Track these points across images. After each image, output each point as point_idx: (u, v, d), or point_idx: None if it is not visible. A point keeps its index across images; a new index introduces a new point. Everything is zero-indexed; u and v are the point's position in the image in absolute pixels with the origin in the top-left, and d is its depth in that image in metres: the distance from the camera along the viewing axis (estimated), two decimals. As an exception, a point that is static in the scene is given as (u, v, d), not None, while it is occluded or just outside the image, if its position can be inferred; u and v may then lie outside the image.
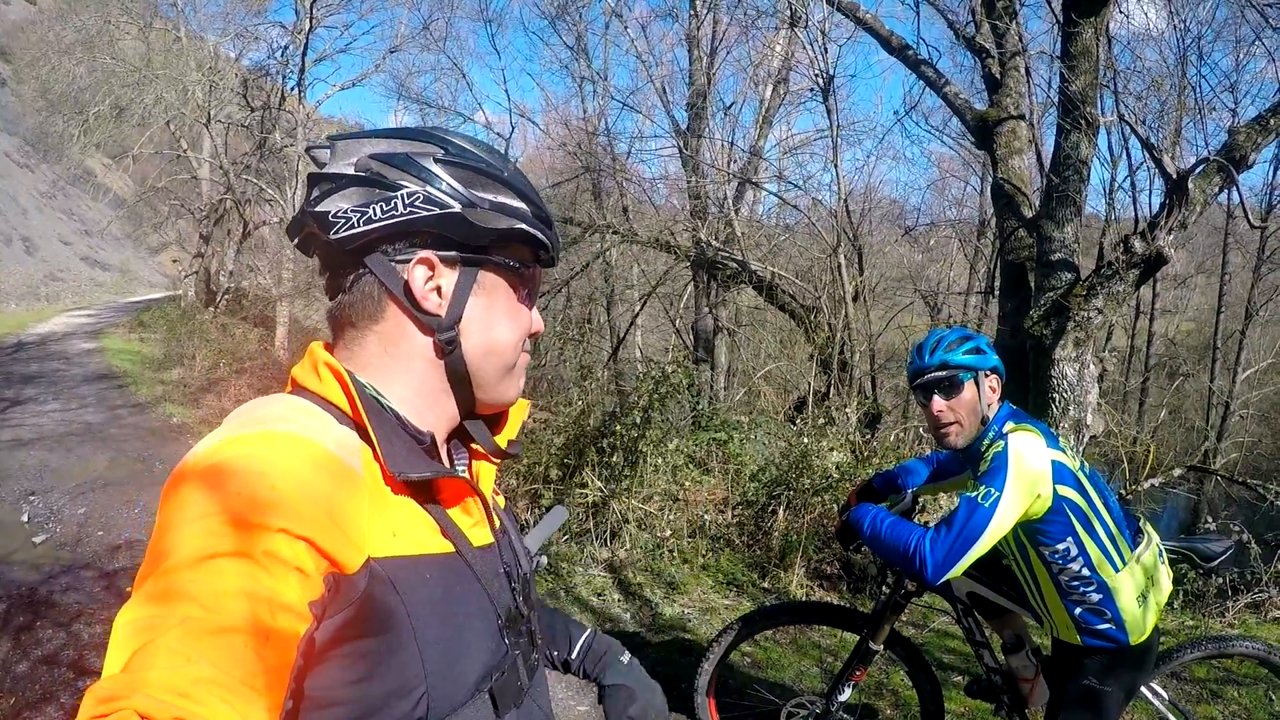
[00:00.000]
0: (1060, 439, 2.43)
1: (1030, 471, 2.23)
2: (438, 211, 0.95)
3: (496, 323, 1.03)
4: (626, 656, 1.39)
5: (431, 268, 0.97)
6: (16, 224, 36.44)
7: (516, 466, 6.48)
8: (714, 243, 10.97)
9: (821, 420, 7.40)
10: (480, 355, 1.02)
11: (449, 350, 1.00)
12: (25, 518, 6.37)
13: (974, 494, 2.25)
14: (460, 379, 1.02)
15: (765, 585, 5.67)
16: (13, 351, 16.52)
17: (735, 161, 12.79)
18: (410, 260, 0.96)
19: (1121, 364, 18.18)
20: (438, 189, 0.95)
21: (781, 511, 6.19)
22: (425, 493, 0.96)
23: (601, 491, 6.22)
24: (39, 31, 25.71)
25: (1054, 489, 2.26)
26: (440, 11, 20.55)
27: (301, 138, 17.49)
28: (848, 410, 7.95)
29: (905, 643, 3.15)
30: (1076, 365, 5.25)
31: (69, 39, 20.13)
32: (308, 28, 17.76)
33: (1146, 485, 6.59)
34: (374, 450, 0.91)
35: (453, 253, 0.98)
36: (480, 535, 1.03)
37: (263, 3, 20.93)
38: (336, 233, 0.95)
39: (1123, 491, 6.62)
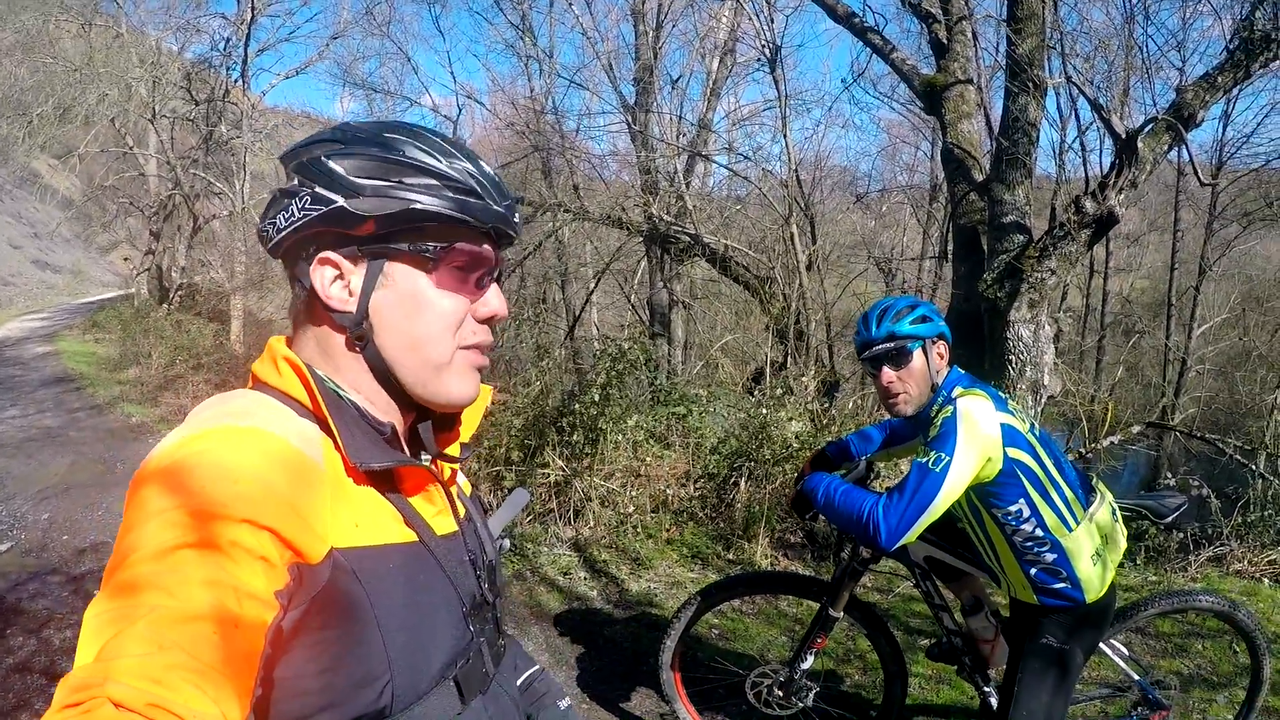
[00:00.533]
0: (1009, 401, 2.43)
1: (980, 435, 2.23)
2: (324, 209, 0.93)
3: (411, 314, 0.98)
4: (565, 703, 1.37)
5: (336, 266, 0.96)
6: None
7: (478, 449, 6.42)
8: (666, 217, 10.94)
9: (779, 390, 7.41)
10: (400, 350, 0.99)
11: (362, 346, 0.98)
12: None
13: (925, 459, 2.25)
14: (384, 375, 1.00)
15: (730, 557, 5.68)
16: None
17: (684, 135, 12.79)
18: (313, 261, 0.97)
19: (1077, 324, 18.52)
20: (324, 185, 0.93)
21: (743, 483, 6.19)
22: (387, 483, 0.97)
23: (563, 471, 6.18)
24: None
25: (1005, 452, 2.27)
26: (383, -5, 20.22)
27: (247, 129, 17.32)
28: (805, 379, 7.97)
29: (866, 608, 3.17)
30: (1032, 326, 5.30)
31: (8, 41, 19.80)
32: (249, 18, 17.54)
33: (1106, 443, 6.71)
34: (335, 442, 0.92)
35: (354, 248, 0.96)
36: (444, 523, 1.03)
37: None
38: (267, 245, 1.00)
39: (1082, 450, 6.73)
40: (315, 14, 51.02)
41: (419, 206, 0.94)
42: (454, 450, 1.13)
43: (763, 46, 9.71)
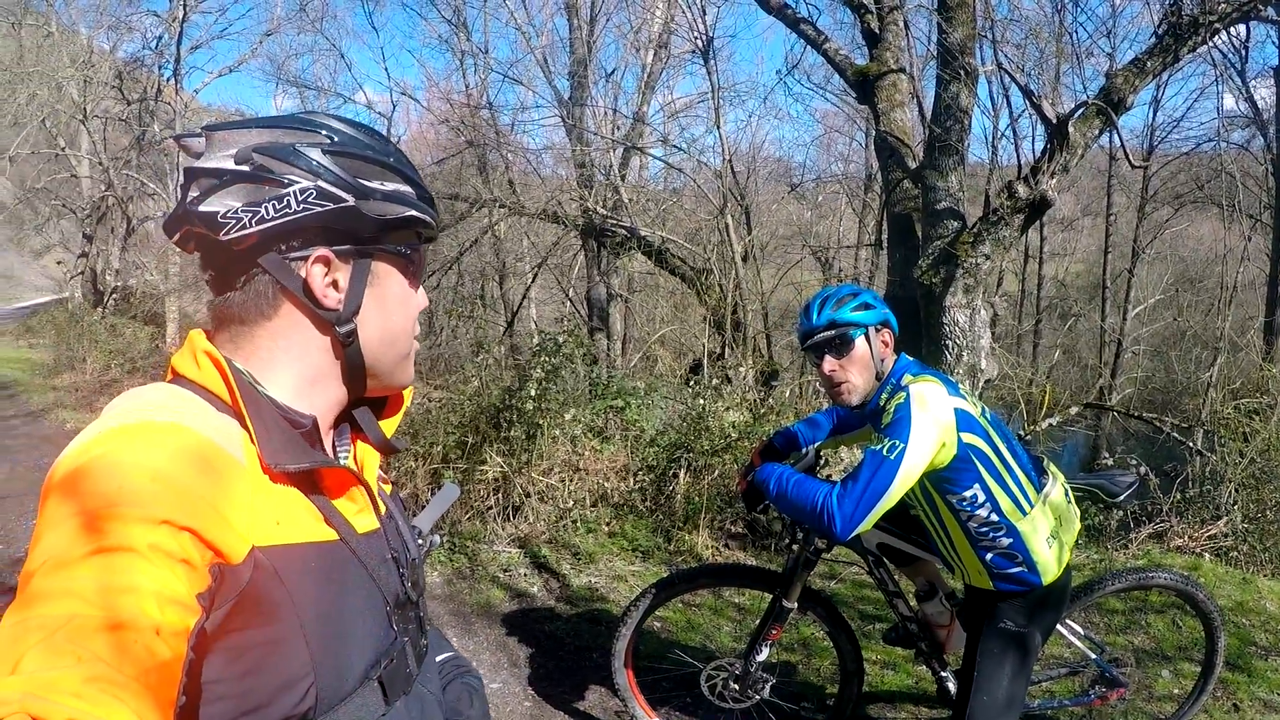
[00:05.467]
0: (961, 386, 2.41)
1: (934, 421, 2.20)
2: (332, 206, 0.92)
3: (392, 311, 1.01)
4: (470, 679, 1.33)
5: (328, 264, 0.95)
6: None
7: (415, 447, 6.29)
8: (601, 210, 10.90)
9: (717, 381, 7.39)
10: (378, 345, 1.01)
11: (348, 343, 0.98)
12: None
13: (878, 447, 2.21)
14: (356, 369, 1.01)
15: (672, 549, 5.63)
16: None
17: (619, 129, 12.74)
18: (308, 258, 0.93)
19: (1013, 308, 18.92)
20: (329, 182, 0.92)
21: (682, 474, 6.15)
22: (307, 481, 0.94)
23: (502, 467, 6.07)
24: None
25: (959, 437, 2.24)
26: (317, -9, 19.93)
27: (180, 128, 16.90)
28: (743, 369, 7.98)
29: (819, 598, 3.14)
30: (968, 311, 5.35)
31: None
32: (182, 15, 17.49)
33: (1045, 424, 6.81)
34: (251, 439, 0.89)
35: (347, 246, 0.96)
36: (365, 522, 1.00)
37: None
38: (227, 233, 0.90)
39: (1022, 432, 6.83)
40: (248, 10, 49.94)
41: (412, 214, 0.98)
42: (388, 429, 1.12)
43: (696, 39, 9.71)
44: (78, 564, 0.71)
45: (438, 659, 1.24)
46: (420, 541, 1.26)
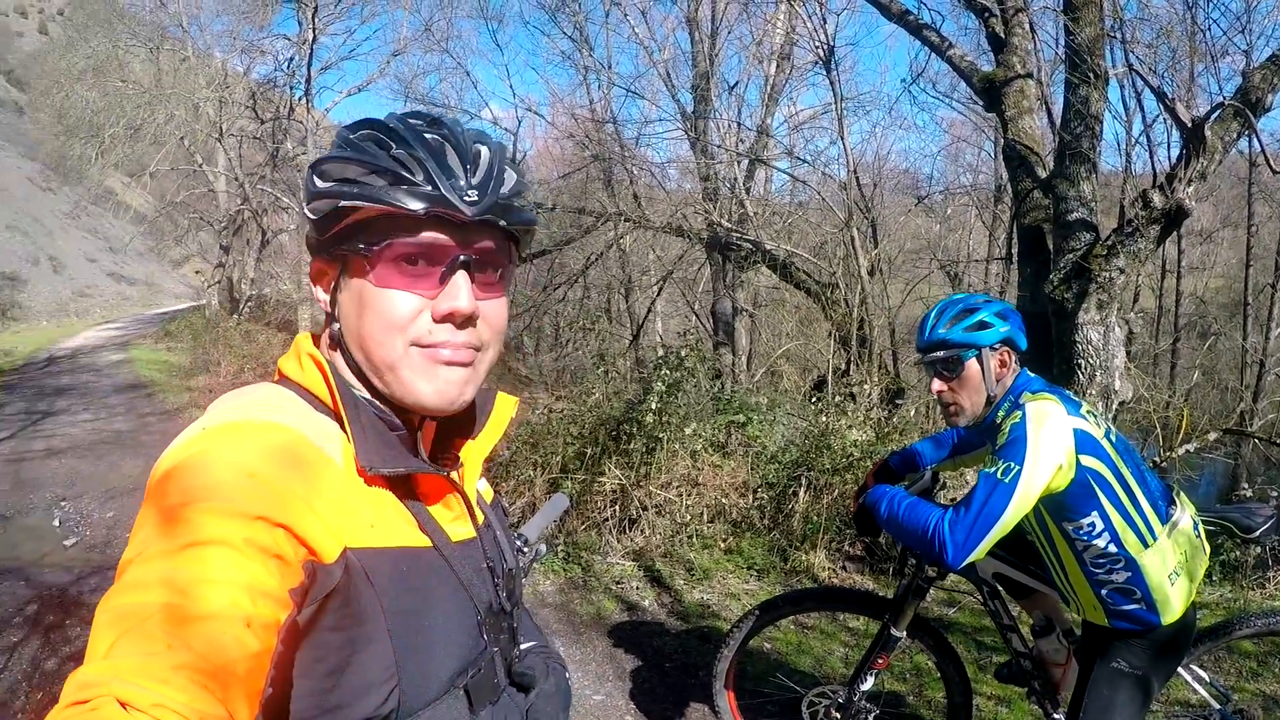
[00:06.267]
0: (1083, 405, 2.26)
1: (1051, 442, 2.08)
2: (310, 217, 0.94)
3: (360, 313, 0.93)
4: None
5: (321, 269, 0.98)
6: (43, 244, 37.60)
7: (533, 457, 6.41)
8: (726, 224, 10.86)
9: (840, 398, 7.26)
10: (354, 349, 0.96)
11: (337, 344, 0.98)
12: (57, 522, 6.63)
13: (993, 470, 2.10)
14: (359, 374, 0.97)
15: (788, 568, 5.56)
16: (45, 366, 17.36)
17: (743, 141, 12.66)
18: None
19: (1150, 325, 17.76)
20: (309, 194, 0.94)
21: (802, 493, 6.06)
22: (403, 485, 0.95)
23: (620, 479, 6.13)
24: (52, 60, 26.82)
25: (1078, 459, 2.11)
26: (441, 12, 20.72)
27: (312, 145, 17.96)
28: (867, 387, 7.81)
29: (930, 627, 3.03)
30: (1101, 329, 5.07)
31: (80, 65, 20.87)
32: (311, 38, 18.38)
33: (1181, 451, 6.39)
34: (349, 440, 0.90)
35: (324, 252, 0.96)
36: (460, 529, 1.01)
37: (266, 18, 21.42)
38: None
39: (1156, 459, 6.43)
40: (375, 31, 52.82)
41: (343, 204, 0.89)
42: (474, 455, 1.08)
43: (817, 48, 9.60)
44: (173, 555, 0.73)
45: (522, 645, 1.16)
46: (526, 550, 1.27)
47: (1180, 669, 2.65)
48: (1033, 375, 2.37)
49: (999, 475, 2.08)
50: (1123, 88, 6.23)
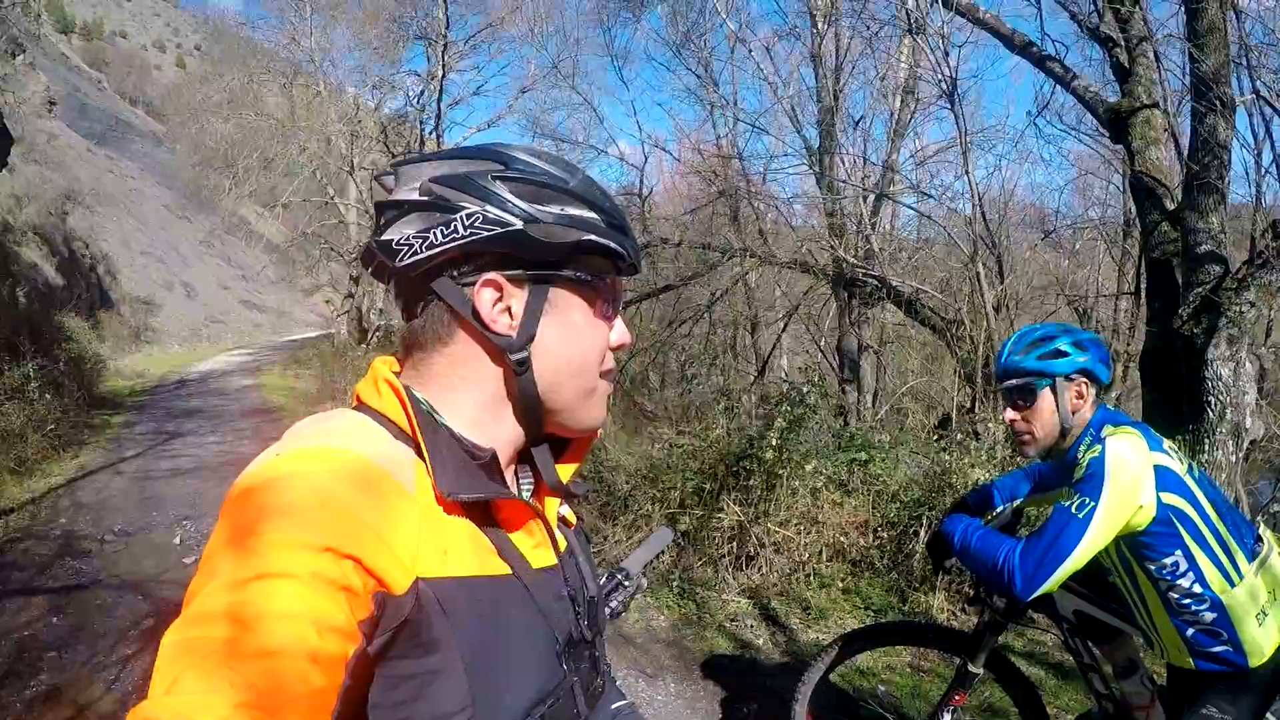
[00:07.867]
0: (1165, 441, 2.22)
1: (1131, 478, 2.05)
2: (499, 230, 0.91)
3: (572, 342, 0.98)
4: None
5: (499, 289, 0.94)
6: (178, 270, 39.41)
7: (652, 491, 6.53)
8: (852, 260, 10.81)
9: (962, 435, 7.12)
10: (555, 376, 0.98)
11: (521, 372, 0.96)
12: (178, 540, 6.81)
13: (1068, 503, 2.09)
14: (532, 401, 0.98)
15: (906, 609, 5.49)
16: (175, 388, 18.01)
17: (869, 176, 12.58)
18: (476, 283, 0.94)
19: (1283, 361, 16.50)
20: (498, 207, 0.92)
21: (923, 533, 5.97)
22: (482, 513, 0.94)
23: (739, 516, 6.18)
24: (188, 93, 28.18)
25: (1158, 497, 2.07)
26: (567, 50, 21.25)
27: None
28: (992, 424, 7.63)
29: (1009, 665, 3.00)
30: (1231, 364, 4.89)
31: (216, 98, 21.92)
32: (441, 74, 18.88)
33: (1314, 491, 6.00)
34: (427, 468, 0.89)
35: (519, 271, 0.95)
36: (542, 557, 1.00)
37: (398, 54, 22.10)
38: (401, 260, 0.93)
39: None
40: (503, 68, 54.40)
41: (592, 239, 0.95)
42: (567, 472, 1.09)
43: (939, 81, 9.51)
44: (239, 588, 0.72)
45: (612, 706, 1.18)
46: (627, 585, 1.33)
47: (1269, 715, 2.55)
48: (1114, 409, 2.34)
49: (1073, 509, 2.07)
50: (1251, 116, 5.94)
